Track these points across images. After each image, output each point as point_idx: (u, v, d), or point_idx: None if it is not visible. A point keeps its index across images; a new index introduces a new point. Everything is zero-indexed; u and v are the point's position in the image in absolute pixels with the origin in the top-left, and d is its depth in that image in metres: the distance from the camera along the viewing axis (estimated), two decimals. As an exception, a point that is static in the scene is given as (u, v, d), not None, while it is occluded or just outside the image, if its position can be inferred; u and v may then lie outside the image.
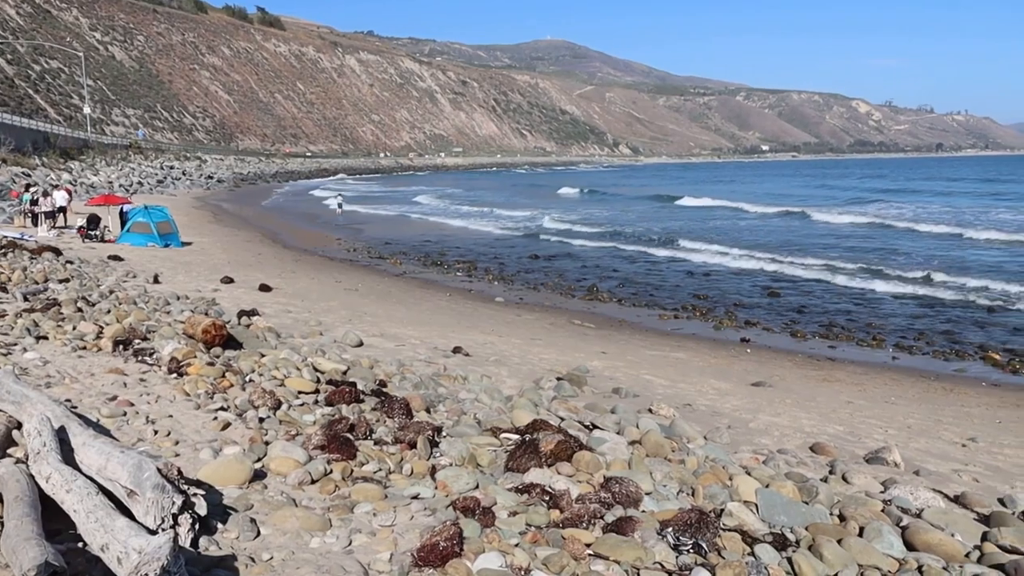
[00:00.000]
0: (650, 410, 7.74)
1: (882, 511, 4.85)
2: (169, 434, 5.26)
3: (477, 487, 4.56)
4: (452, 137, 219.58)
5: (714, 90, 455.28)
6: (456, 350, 10.47)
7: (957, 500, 5.56)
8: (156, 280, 14.58)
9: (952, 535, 4.56)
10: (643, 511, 4.20)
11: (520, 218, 41.41)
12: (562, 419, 6.67)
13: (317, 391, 6.63)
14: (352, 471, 4.70)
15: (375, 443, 5.30)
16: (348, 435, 5.23)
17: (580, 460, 4.94)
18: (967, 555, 4.34)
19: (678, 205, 52.94)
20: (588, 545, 3.69)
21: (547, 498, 4.22)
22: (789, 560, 3.79)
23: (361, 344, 9.98)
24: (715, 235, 32.43)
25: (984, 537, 4.62)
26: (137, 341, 7.93)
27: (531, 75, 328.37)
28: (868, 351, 13.52)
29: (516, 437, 5.57)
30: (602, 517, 4.01)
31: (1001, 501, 5.64)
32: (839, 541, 4.11)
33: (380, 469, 4.83)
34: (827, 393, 10.06)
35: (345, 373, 7.52)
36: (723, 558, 3.69)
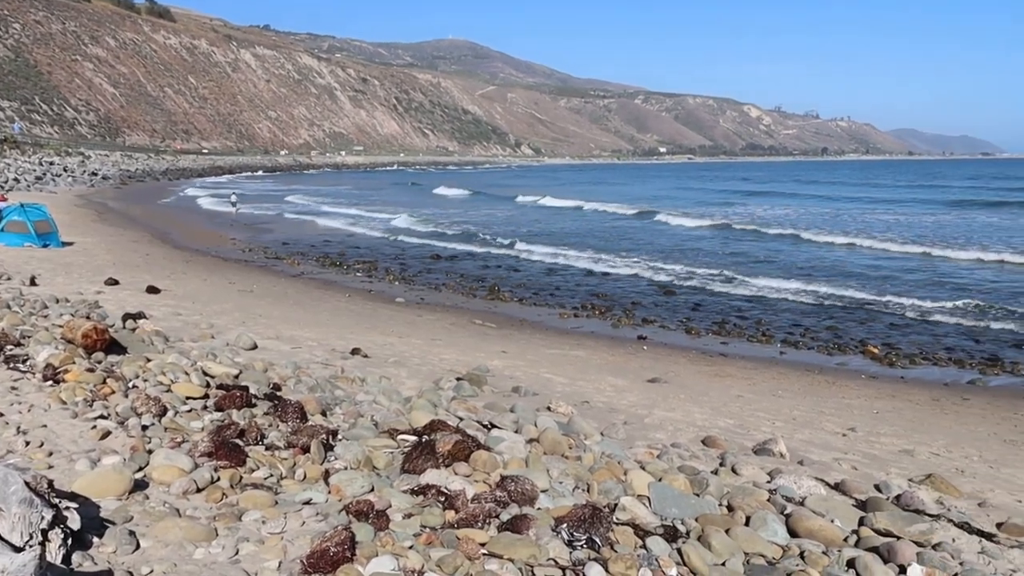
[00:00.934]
0: (549, 408, 7.80)
1: (768, 500, 5.03)
2: (42, 445, 4.95)
3: (372, 490, 4.48)
4: (353, 135, 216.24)
5: (614, 93, 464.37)
6: (355, 351, 10.30)
7: (837, 487, 5.82)
8: (33, 282, 13.75)
9: (832, 521, 4.76)
10: (539, 508, 4.22)
11: (383, 219, 40.46)
12: (461, 419, 6.64)
13: (206, 396, 6.38)
14: (241, 478, 4.54)
15: (267, 448, 5.14)
16: (238, 441, 5.06)
17: (477, 460, 4.93)
18: (845, 539, 4.54)
19: (541, 206, 53.32)
20: (483, 544, 3.68)
21: (443, 499, 4.19)
22: (679, 551, 3.88)
23: (255, 347, 9.68)
24: (607, 236, 33.16)
25: (861, 522, 4.85)
26: (9, 347, 7.44)
27: (433, 74, 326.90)
28: (758, 347, 14.05)
29: (413, 438, 5.51)
30: (497, 516, 4.00)
31: (877, 487, 5.93)
32: (727, 531, 4.24)
33: (271, 475, 4.68)
34: (719, 388, 10.39)
35: (237, 377, 7.27)
36: (615, 552, 3.74)
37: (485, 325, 14.80)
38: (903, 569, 4.04)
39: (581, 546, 3.76)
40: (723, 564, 3.90)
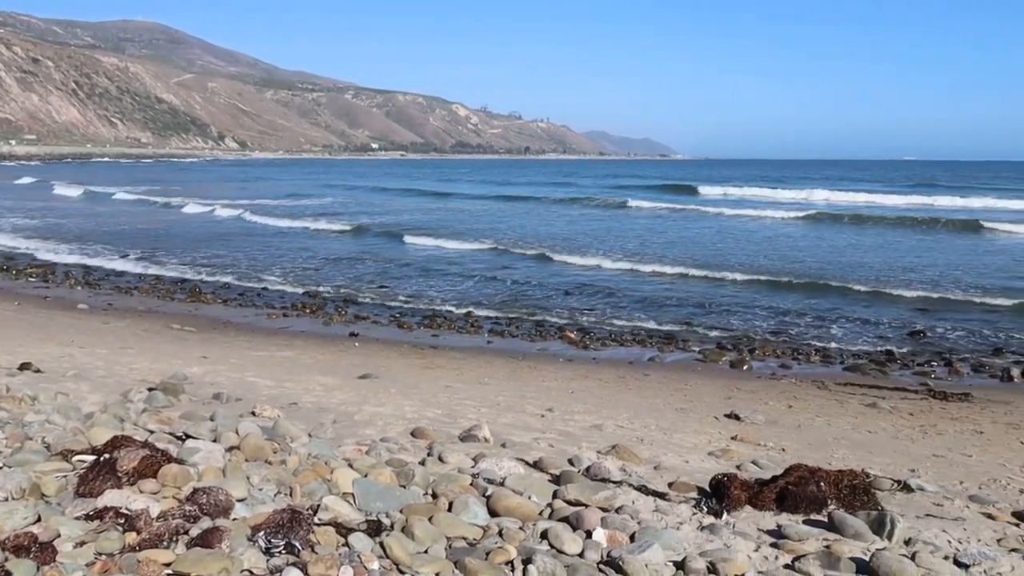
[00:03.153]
0: (253, 413, 7.44)
1: (471, 484, 5.20)
2: None
3: (39, 520, 3.95)
4: (23, 123, 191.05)
5: (323, 87, 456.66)
6: (24, 367, 9.07)
7: (535, 465, 6.18)
8: None
9: (529, 497, 5.04)
10: (234, 519, 3.99)
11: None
12: (151, 432, 6.10)
13: None
14: None
15: None
16: None
17: (167, 474, 4.55)
18: (541, 513, 4.82)
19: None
20: (167, 564, 3.40)
21: (123, 521, 3.80)
22: (382, 544, 3.87)
23: None
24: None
25: (555, 495, 5.18)
26: None
27: (120, 58, 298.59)
28: (467, 337, 14.58)
29: (92, 458, 4.96)
30: (187, 532, 3.72)
31: (570, 461, 6.39)
32: (430, 518, 4.31)
33: (-98, 519, 3.95)
34: (429, 379, 10.61)
35: None
36: (316, 553, 3.65)
37: (184, 329, 13.82)
38: (589, 534, 4.37)
39: (279, 552, 3.62)
40: (426, 551, 3.96)
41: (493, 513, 4.68)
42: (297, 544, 3.67)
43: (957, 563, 4.42)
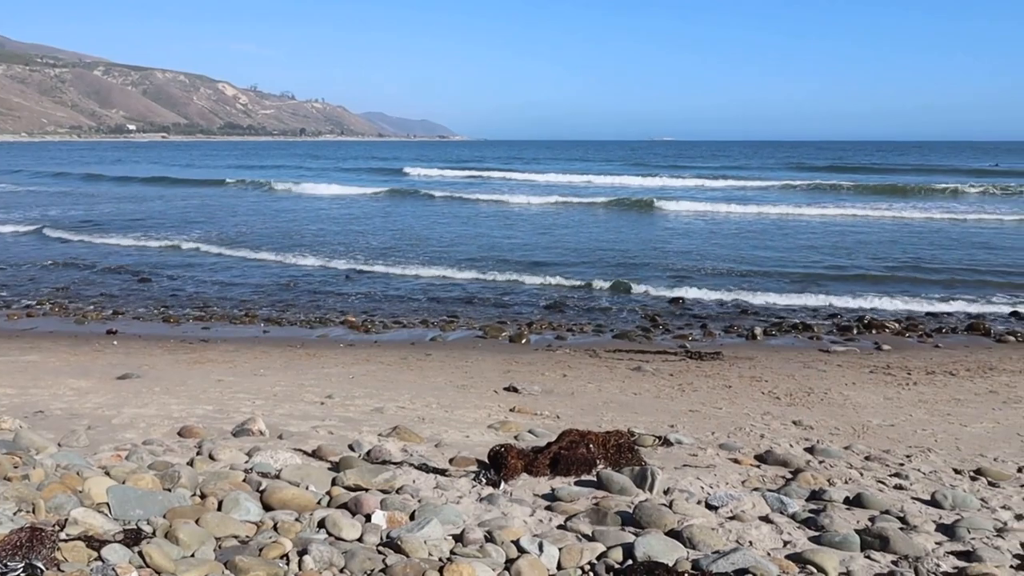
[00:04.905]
0: (-11, 425, 6.64)
1: (244, 480, 4.97)
2: None
3: None
4: None
5: (67, 62, 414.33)
6: None
7: (314, 454, 6.03)
8: None
9: (307, 488, 4.91)
10: (-39, 546, 3.53)
11: None
12: None
13: None
14: None
15: None
16: None
17: None
18: (319, 502, 4.72)
19: None
20: None
21: None
22: (141, 553, 3.60)
23: None
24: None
25: (334, 482, 5.09)
26: None
27: None
28: (241, 328, 13.91)
29: None
30: (-102, 568, 3.25)
31: (351, 447, 6.30)
32: (197, 520, 4.07)
33: None
34: (198, 375, 10.00)
35: None
36: (63, 571, 3.32)
37: (-99, 337, 12.04)
38: (368, 517, 4.34)
39: (19, 575, 3.26)
40: (192, 555, 3.74)
41: (268, 507, 4.51)
42: (40, 565, 3.32)
43: (708, 506, 4.87)
